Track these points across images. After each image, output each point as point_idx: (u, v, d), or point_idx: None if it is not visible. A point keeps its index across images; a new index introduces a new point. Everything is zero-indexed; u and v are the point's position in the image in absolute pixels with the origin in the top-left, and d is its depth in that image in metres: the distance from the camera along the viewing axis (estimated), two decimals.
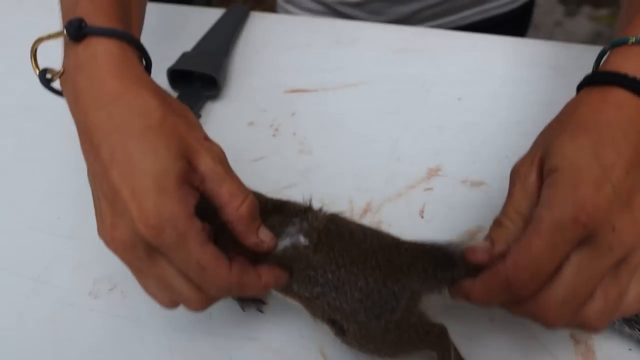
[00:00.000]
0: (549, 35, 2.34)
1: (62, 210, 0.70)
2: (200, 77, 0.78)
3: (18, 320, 0.63)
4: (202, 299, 0.48)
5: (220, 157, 0.48)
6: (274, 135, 0.74)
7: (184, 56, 0.80)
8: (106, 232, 0.46)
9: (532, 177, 0.46)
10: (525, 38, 0.86)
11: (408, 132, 0.73)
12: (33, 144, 0.77)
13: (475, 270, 0.49)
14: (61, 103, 0.66)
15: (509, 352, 0.54)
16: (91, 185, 0.49)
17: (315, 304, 0.53)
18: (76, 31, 0.48)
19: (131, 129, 0.44)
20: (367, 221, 0.64)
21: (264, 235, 0.50)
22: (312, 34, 0.86)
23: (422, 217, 0.64)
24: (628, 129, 0.44)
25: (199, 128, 0.50)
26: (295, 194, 0.67)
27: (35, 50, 0.54)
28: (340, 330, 0.53)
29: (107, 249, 0.47)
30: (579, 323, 0.44)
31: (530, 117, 0.72)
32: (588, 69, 0.61)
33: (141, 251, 0.44)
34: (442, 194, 0.66)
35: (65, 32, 0.49)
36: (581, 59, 0.77)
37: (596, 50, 0.53)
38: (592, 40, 2.33)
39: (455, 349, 0.52)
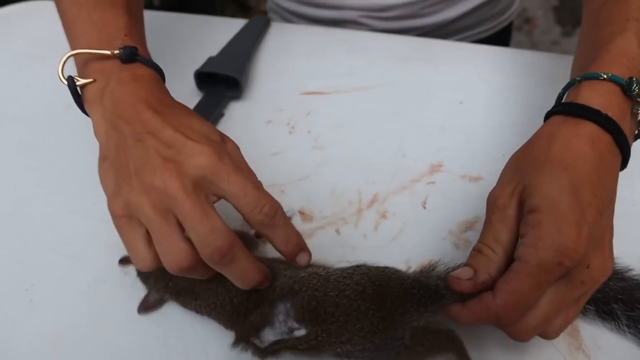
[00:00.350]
0: None
1: (98, 197, 0.77)
2: (225, 79, 0.86)
3: (55, 293, 0.69)
4: (192, 253, 0.50)
5: (234, 147, 0.57)
6: (290, 132, 0.81)
7: (210, 60, 0.87)
8: (158, 179, 0.49)
9: (512, 210, 0.49)
10: (521, 49, 0.93)
11: (413, 132, 0.79)
12: (73, 138, 0.84)
13: (460, 296, 0.53)
14: None
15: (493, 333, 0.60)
16: (132, 153, 0.53)
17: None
18: (128, 57, 0.57)
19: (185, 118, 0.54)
20: (374, 211, 0.71)
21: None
22: (326, 43, 0.94)
23: (425, 207, 0.70)
24: (599, 166, 0.48)
25: (211, 128, 0.56)
26: (308, 186, 0.74)
27: (66, 60, 0.62)
28: None
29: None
30: (539, 334, 0.51)
31: (524, 119, 0.78)
32: None
33: (204, 190, 0.49)
34: (443, 187, 0.72)
35: (116, 53, 0.58)
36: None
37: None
38: None
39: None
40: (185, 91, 0.88)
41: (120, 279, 0.69)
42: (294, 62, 0.90)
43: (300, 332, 0.55)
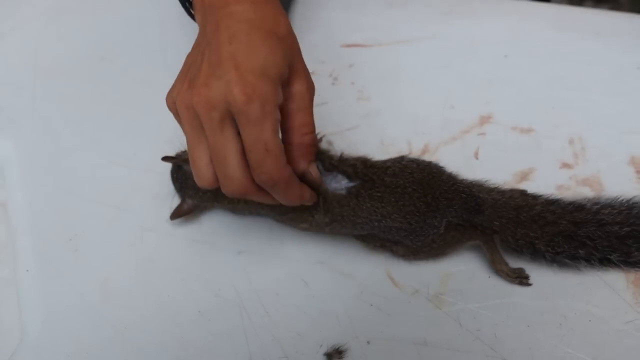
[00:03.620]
0: None
1: (138, 147, 0.75)
2: None
3: (101, 243, 0.68)
4: (246, 183, 0.50)
5: (311, 90, 0.54)
6: (333, 84, 0.79)
7: None
8: (192, 90, 0.49)
9: None
10: (562, 5, 0.91)
11: (459, 84, 0.77)
12: (110, 90, 0.82)
13: (498, 218, 0.58)
14: (131, 53, 0.72)
15: (562, 279, 0.60)
16: (193, 54, 0.54)
17: (367, 239, 0.61)
18: None
19: (260, 25, 0.50)
20: None
21: (314, 169, 0.56)
22: None
23: (477, 158, 0.69)
24: None
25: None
26: (356, 136, 0.73)
27: None
28: (390, 250, 0.61)
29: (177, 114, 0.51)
30: None
31: (572, 73, 0.77)
32: (625, 34, 0.71)
33: (218, 114, 0.48)
34: (494, 139, 0.71)
35: None
36: (617, 23, 0.82)
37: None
38: None
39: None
40: None
41: (167, 228, 0.68)
42: (332, 15, 0.88)
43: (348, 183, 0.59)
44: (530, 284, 0.59)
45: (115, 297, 0.64)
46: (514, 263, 0.60)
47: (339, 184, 0.60)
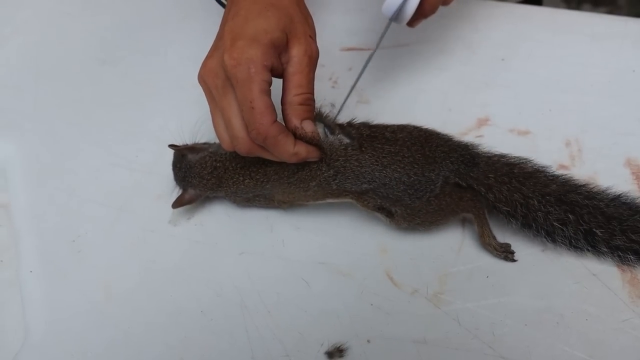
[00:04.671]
0: None
1: (140, 149, 0.76)
2: None
3: (104, 244, 0.69)
4: (247, 141, 0.56)
5: (311, 54, 0.58)
6: (332, 87, 0.80)
7: None
8: (203, 64, 0.56)
9: None
10: (558, 8, 0.92)
11: (457, 87, 0.78)
12: (110, 92, 0.83)
13: (493, 171, 0.61)
14: (132, 56, 0.72)
15: (559, 278, 0.60)
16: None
17: (366, 197, 0.63)
18: None
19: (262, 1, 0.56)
20: None
21: (307, 126, 0.58)
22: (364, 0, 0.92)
23: None
24: None
25: (312, 29, 0.60)
26: None
27: None
28: (389, 213, 0.63)
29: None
30: None
31: (569, 75, 0.78)
32: (621, 37, 0.71)
33: (220, 80, 0.54)
34: (492, 141, 0.71)
35: None
36: (613, 26, 0.83)
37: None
38: None
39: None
40: None
41: (169, 229, 0.69)
42: (331, 18, 0.89)
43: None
44: (515, 260, 0.61)
45: (118, 298, 0.65)
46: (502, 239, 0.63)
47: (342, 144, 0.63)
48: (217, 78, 0.55)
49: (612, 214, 0.59)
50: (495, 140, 0.71)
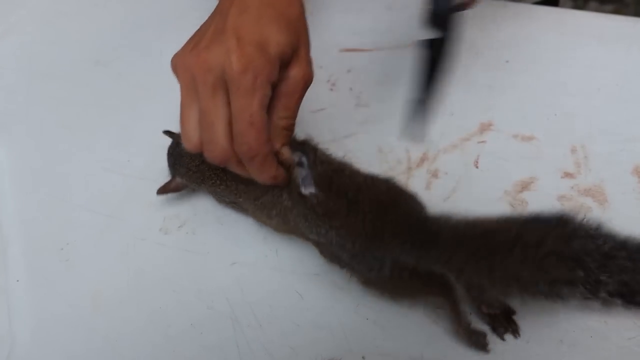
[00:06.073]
0: None
1: (132, 154, 0.74)
2: None
3: (92, 253, 0.67)
4: (227, 151, 0.51)
5: (307, 80, 0.55)
6: (331, 89, 0.78)
7: None
8: (193, 51, 0.51)
9: None
10: (565, 9, 0.89)
11: (459, 90, 0.76)
12: (103, 94, 0.81)
13: (466, 246, 0.49)
14: (126, 57, 0.70)
15: None
16: (204, 23, 0.55)
17: (322, 248, 0.59)
18: None
19: (272, 4, 0.52)
20: (425, 170, 0.68)
21: (285, 151, 0.55)
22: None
23: (477, 167, 0.68)
24: None
25: (309, 49, 0.56)
26: (354, 143, 0.71)
27: None
28: (346, 272, 0.58)
29: (178, 77, 0.53)
30: None
31: (576, 78, 0.75)
32: (629, 39, 0.67)
33: (212, 78, 0.49)
34: (495, 147, 0.69)
35: None
36: (622, 27, 0.80)
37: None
38: None
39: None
40: None
41: (160, 237, 0.67)
42: (330, 18, 0.87)
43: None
44: (487, 351, 0.54)
45: (107, 308, 0.63)
46: None
47: (307, 185, 0.57)
48: (209, 74, 0.49)
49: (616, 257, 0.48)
50: (499, 146, 0.69)
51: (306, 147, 0.59)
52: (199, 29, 0.55)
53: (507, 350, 0.55)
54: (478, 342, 0.54)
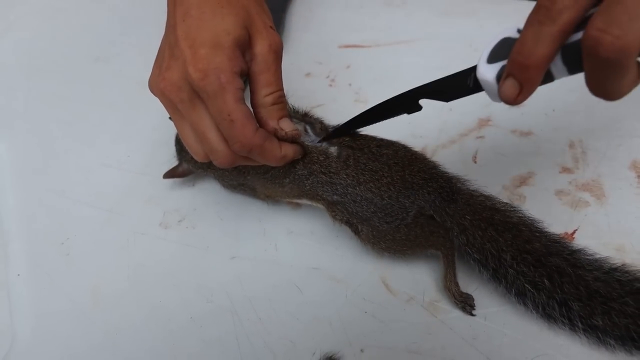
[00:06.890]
0: None
1: (132, 149, 0.74)
2: None
3: (93, 247, 0.67)
4: (228, 154, 0.51)
5: (276, 47, 0.53)
6: (330, 85, 0.78)
7: None
8: (160, 75, 0.50)
9: None
10: None
11: None
12: (103, 90, 0.82)
13: (471, 213, 0.55)
14: (126, 53, 0.70)
15: None
16: (163, 38, 0.54)
17: (336, 208, 0.60)
18: None
19: None
20: None
21: (285, 125, 0.54)
22: None
23: (475, 162, 0.68)
24: None
25: (268, 16, 0.55)
26: None
27: None
28: (355, 230, 0.60)
29: (159, 100, 0.52)
30: None
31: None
32: None
33: (185, 94, 0.49)
34: (493, 142, 0.70)
35: None
36: None
37: None
38: None
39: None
40: None
41: (159, 232, 0.67)
42: (329, 15, 0.87)
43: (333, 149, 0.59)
44: (474, 315, 0.57)
45: (107, 302, 0.63)
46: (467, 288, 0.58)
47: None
48: (181, 92, 0.49)
49: (597, 289, 0.51)
50: (497, 141, 0.70)
51: (309, 118, 0.61)
52: (159, 48, 0.54)
53: (505, 344, 0.55)
54: (465, 301, 0.57)
